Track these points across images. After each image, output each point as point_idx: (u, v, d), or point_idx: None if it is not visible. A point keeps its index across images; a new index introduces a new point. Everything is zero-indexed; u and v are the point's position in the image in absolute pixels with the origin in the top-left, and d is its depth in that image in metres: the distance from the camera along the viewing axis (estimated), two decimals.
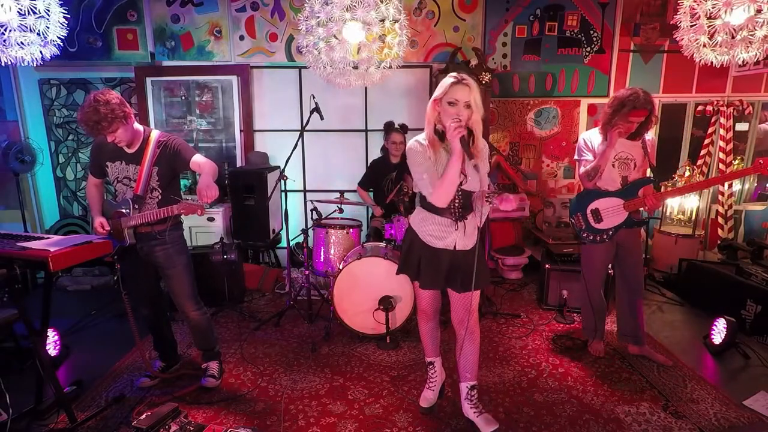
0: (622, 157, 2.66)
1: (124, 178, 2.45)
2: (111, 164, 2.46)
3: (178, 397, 2.51)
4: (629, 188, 2.66)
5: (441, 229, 2.10)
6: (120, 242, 2.47)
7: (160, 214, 2.36)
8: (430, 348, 2.42)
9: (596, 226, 2.73)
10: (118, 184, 2.47)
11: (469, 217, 2.11)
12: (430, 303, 2.30)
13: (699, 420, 2.31)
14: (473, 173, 1.99)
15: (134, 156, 2.44)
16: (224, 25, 4.31)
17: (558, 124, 4.63)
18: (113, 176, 2.47)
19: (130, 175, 2.45)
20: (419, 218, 2.16)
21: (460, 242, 2.11)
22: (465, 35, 4.38)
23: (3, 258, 2.05)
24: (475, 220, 2.10)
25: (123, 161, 2.45)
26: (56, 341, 2.88)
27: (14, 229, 3.97)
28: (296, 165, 4.51)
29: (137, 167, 2.43)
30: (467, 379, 2.25)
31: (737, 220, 4.79)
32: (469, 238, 2.12)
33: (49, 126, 4.47)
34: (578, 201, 2.81)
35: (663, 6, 4.38)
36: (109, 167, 2.46)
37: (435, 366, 2.45)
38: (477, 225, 2.10)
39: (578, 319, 3.48)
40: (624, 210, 2.65)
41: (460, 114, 1.91)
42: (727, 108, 4.48)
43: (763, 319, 3.10)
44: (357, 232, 3.55)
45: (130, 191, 2.46)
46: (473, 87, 1.94)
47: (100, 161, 2.49)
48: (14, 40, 2.29)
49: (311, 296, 3.53)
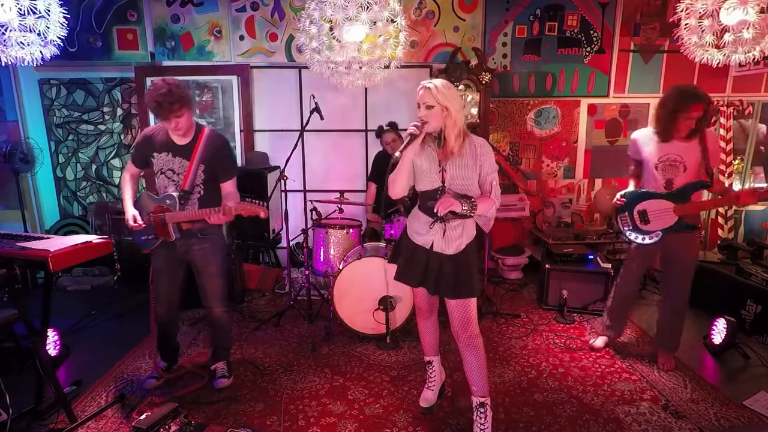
0: (667, 160, 2.55)
1: (168, 170, 2.44)
2: (158, 155, 2.44)
3: (178, 397, 2.51)
4: (680, 191, 2.54)
5: (420, 226, 2.16)
6: (164, 237, 2.47)
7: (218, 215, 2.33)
8: (427, 346, 2.43)
9: (643, 228, 2.65)
10: (162, 176, 2.45)
11: (454, 222, 2.09)
12: (424, 300, 2.31)
13: (699, 420, 2.31)
14: (457, 174, 2.05)
15: (184, 149, 2.43)
16: (224, 25, 4.30)
17: (558, 124, 4.63)
18: (158, 167, 2.45)
19: (175, 168, 2.43)
20: (411, 214, 2.27)
21: (438, 244, 2.12)
22: (465, 35, 4.38)
23: (3, 258, 2.05)
24: (465, 229, 2.11)
25: (171, 153, 2.43)
26: (56, 341, 2.88)
27: (14, 229, 3.97)
28: (296, 165, 4.51)
29: (183, 161, 2.43)
30: (474, 393, 2.17)
31: (737, 220, 4.79)
32: (449, 242, 2.10)
33: (49, 126, 4.46)
34: (629, 202, 2.69)
35: (663, 6, 4.38)
36: (155, 158, 2.45)
37: (434, 365, 2.45)
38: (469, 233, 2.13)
39: (578, 319, 3.49)
40: (674, 214, 2.54)
41: (421, 115, 2.03)
42: (727, 108, 4.48)
43: (763, 319, 3.10)
44: (357, 232, 3.55)
45: (172, 185, 2.44)
46: (437, 89, 2.01)
47: (147, 151, 2.47)
48: (14, 40, 2.30)
49: (311, 296, 3.53)
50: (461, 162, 2.06)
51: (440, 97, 2.00)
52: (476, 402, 2.16)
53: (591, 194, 4.72)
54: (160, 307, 2.60)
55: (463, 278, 2.09)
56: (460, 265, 2.10)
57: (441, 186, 2.08)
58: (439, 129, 2.04)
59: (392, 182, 2.12)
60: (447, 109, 2.01)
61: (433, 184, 2.10)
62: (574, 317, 3.50)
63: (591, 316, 3.51)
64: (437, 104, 2.00)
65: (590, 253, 3.72)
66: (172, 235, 2.44)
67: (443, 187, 2.08)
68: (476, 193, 2.09)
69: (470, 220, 2.14)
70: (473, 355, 2.13)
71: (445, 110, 2.00)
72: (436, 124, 2.03)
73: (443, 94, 2.00)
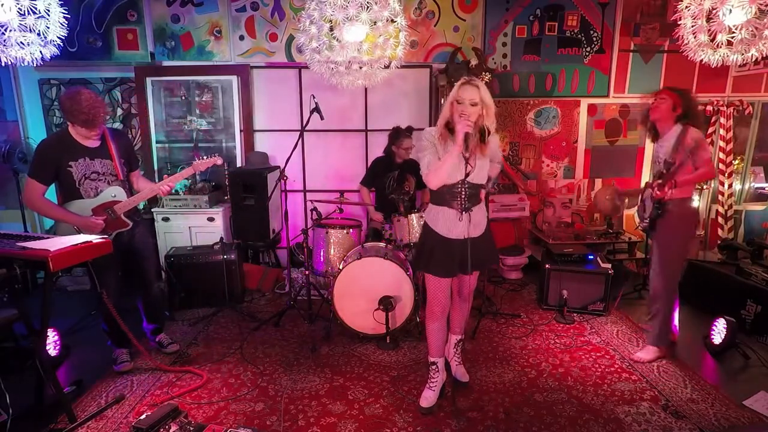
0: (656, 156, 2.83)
1: (92, 173, 2.55)
2: (74, 163, 2.53)
3: (178, 397, 2.51)
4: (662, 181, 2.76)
5: (449, 221, 2.27)
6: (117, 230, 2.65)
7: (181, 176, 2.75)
8: (434, 347, 2.44)
9: (643, 215, 2.94)
10: (86, 180, 2.55)
11: (474, 208, 2.29)
12: (442, 304, 2.37)
13: (699, 420, 2.31)
14: (480, 168, 2.24)
15: (98, 150, 2.59)
16: (224, 25, 4.30)
17: (558, 124, 4.62)
18: (79, 175, 2.54)
19: (98, 169, 2.58)
20: (432, 214, 2.34)
21: (470, 231, 2.27)
22: (465, 35, 4.38)
23: (3, 258, 2.05)
24: (481, 207, 2.34)
25: (86, 157, 2.55)
26: (56, 341, 2.88)
27: (14, 229, 3.97)
28: (296, 165, 4.51)
29: (103, 160, 2.60)
30: (456, 333, 2.62)
31: (737, 220, 4.79)
32: (476, 226, 2.31)
33: (49, 126, 4.46)
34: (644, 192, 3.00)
35: (663, 6, 4.38)
36: (73, 167, 2.52)
37: (438, 366, 2.46)
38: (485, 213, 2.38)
39: (578, 319, 3.49)
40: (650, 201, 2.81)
41: (465, 111, 2.12)
42: (727, 108, 4.48)
43: (763, 319, 3.10)
44: (357, 232, 3.55)
45: (103, 183, 2.59)
46: (482, 87, 2.14)
47: (59, 163, 2.51)
48: (14, 40, 2.29)
49: (311, 296, 3.53)
50: (482, 158, 2.24)
51: (485, 95, 2.14)
52: (457, 339, 2.63)
53: (591, 194, 4.72)
54: (114, 299, 2.66)
55: (489, 250, 2.42)
56: (486, 239, 2.38)
57: (463, 179, 2.20)
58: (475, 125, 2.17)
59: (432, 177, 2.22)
60: (488, 107, 2.16)
61: (455, 178, 2.22)
62: (574, 317, 3.50)
63: (591, 316, 3.52)
64: (480, 102, 2.13)
65: (590, 253, 3.72)
66: (128, 223, 2.67)
67: (465, 180, 2.20)
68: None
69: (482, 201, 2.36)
70: (464, 306, 2.56)
71: (486, 108, 2.15)
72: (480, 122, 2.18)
73: (486, 92, 2.15)
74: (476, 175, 2.23)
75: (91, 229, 2.54)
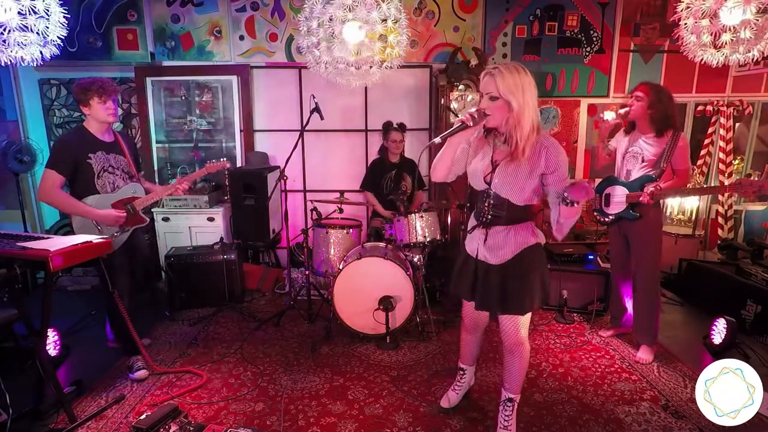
0: (632, 151, 2.82)
1: (109, 166, 2.63)
2: (93, 155, 2.59)
3: (178, 397, 2.51)
4: (635, 182, 2.78)
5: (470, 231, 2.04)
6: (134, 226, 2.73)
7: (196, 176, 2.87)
8: (465, 355, 2.40)
9: (604, 209, 2.96)
10: (105, 173, 2.62)
11: (497, 228, 1.89)
12: (470, 317, 2.22)
13: (699, 420, 2.31)
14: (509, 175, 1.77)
15: (112, 145, 2.67)
16: (224, 25, 4.30)
17: (558, 124, 4.62)
18: (98, 167, 2.60)
19: (113, 163, 2.66)
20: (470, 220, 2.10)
21: (481, 252, 1.94)
22: (465, 35, 4.38)
23: (3, 258, 2.05)
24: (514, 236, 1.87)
25: (103, 151, 2.62)
26: (56, 341, 2.88)
27: (14, 229, 3.97)
28: (296, 165, 4.51)
29: (117, 156, 2.68)
30: (505, 389, 2.13)
31: (737, 220, 4.79)
32: (492, 250, 1.90)
33: (49, 126, 4.46)
34: (602, 183, 3.02)
35: (663, 6, 4.38)
36: (92, 159, 2.58)
37: (465, 373, 2.43)
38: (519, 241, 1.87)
39: (578, 319, 3.49)
40: (625, 201, 2.80)
41: (482, 106, 1.74)
42: (727, 108, 4.47)
43: (763, 319, 3.10)
44: (357, 232, 3.55)
45: (119, 179, 2.68)
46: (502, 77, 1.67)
47: (80, 154, 2.56)
48: (14, 40, 2.29)
49: (311, 296, 3.53)
50: (514, 167, 1.77)
51: (504, 87, 1.66)
52: (505, 396, 2.13)
53: None
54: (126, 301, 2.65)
55: (512, 292, 1.88)
56: (509, 277, 1.88)
57: (487, 188, 1.87)
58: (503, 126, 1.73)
59: (433, 168, 1.92)
60: (510, 104, 1.67)
61: (480, 185, 1.90)
62: (574, 317, 3.50)
63: (591, 316, 3.51)
64: (501, 96, 1.68)
65: (590, 253, 3.73)
66: (146, 219, 2.76)
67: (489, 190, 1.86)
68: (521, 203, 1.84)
69: (523, 224, 1.88)
70: (513, 361, 2.05)
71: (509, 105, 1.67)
72: (500, 119, 1.72)
73: (509, 84, 1.65)
74: (502, 184, 1.80)
75: (114, 222, 2.61)
